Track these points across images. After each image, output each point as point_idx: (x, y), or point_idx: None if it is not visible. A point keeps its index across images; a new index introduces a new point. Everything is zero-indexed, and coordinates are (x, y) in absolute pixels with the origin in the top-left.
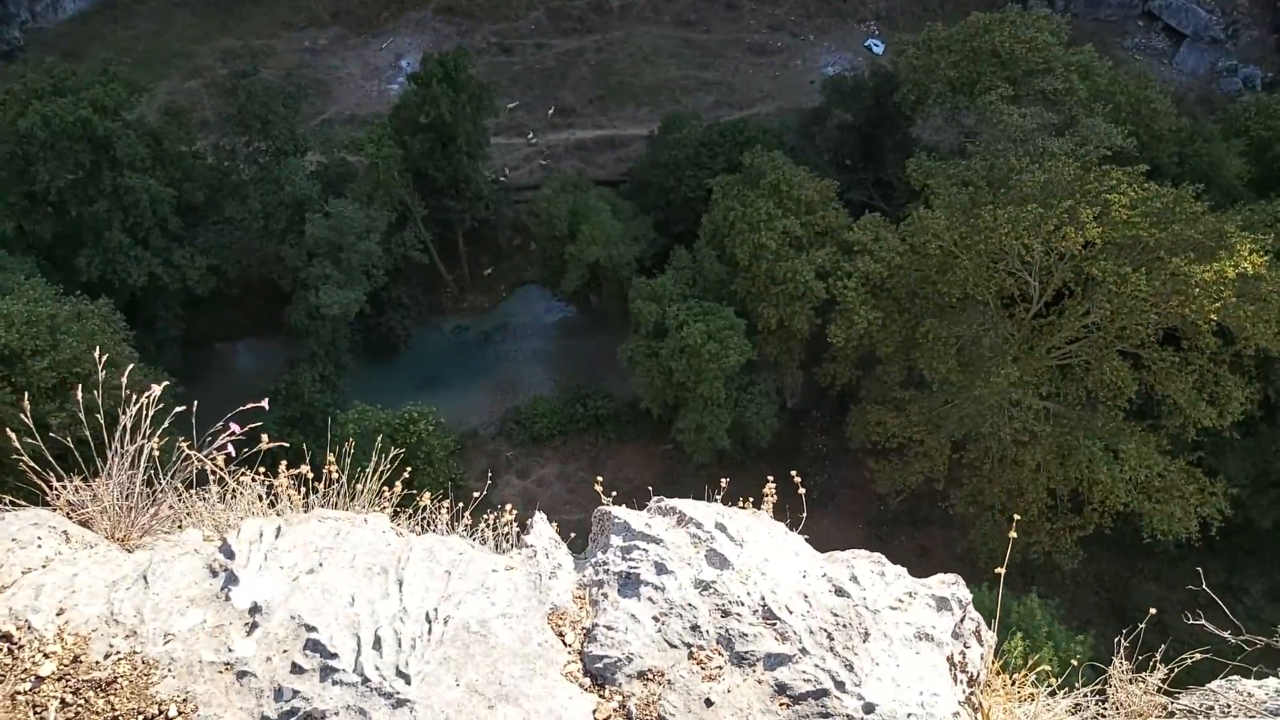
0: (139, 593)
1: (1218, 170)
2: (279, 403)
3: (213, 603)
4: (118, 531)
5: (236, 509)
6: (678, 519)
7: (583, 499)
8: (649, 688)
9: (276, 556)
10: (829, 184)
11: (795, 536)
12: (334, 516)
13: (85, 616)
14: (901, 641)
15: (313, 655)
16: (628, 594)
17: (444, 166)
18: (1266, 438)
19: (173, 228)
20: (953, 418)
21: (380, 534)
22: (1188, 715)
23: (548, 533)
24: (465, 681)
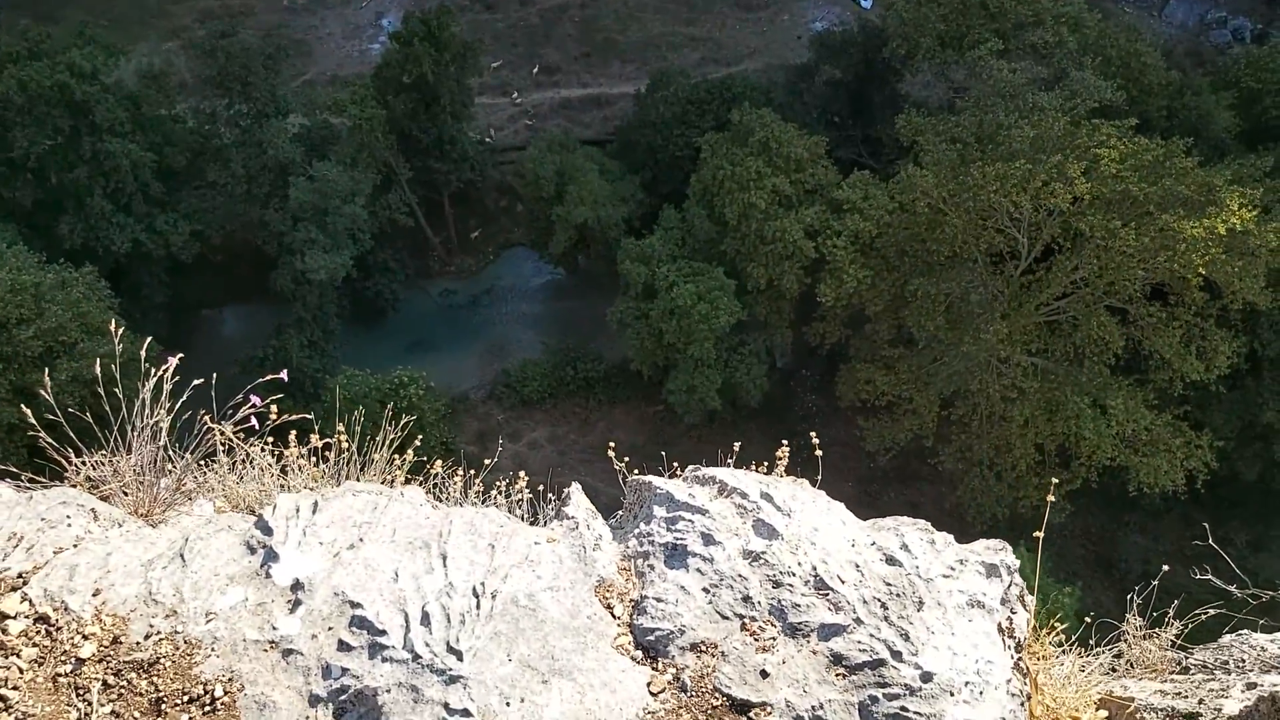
0: (177, 571)
1: (1207, 124)
2: (267, 369)
3: (253, 580)
4: (140, 507)
5: (248, 480)
6: (719, 489)
7: (574, 462)
8: (703, 660)
9: (315, 532)
10: (818, 141)
11: (838, 505)
12: (368, 489)
13: (123, 597)
14: (955, 610)
15: (360, 632)
16: (675, 565)
17: (428, 127)
18: (1252, 391)
19: (154, 193)
20: (941, 375)
21: (418, 507)
22: (1202, 669)
23: (585, 503)
24: (517, 656)
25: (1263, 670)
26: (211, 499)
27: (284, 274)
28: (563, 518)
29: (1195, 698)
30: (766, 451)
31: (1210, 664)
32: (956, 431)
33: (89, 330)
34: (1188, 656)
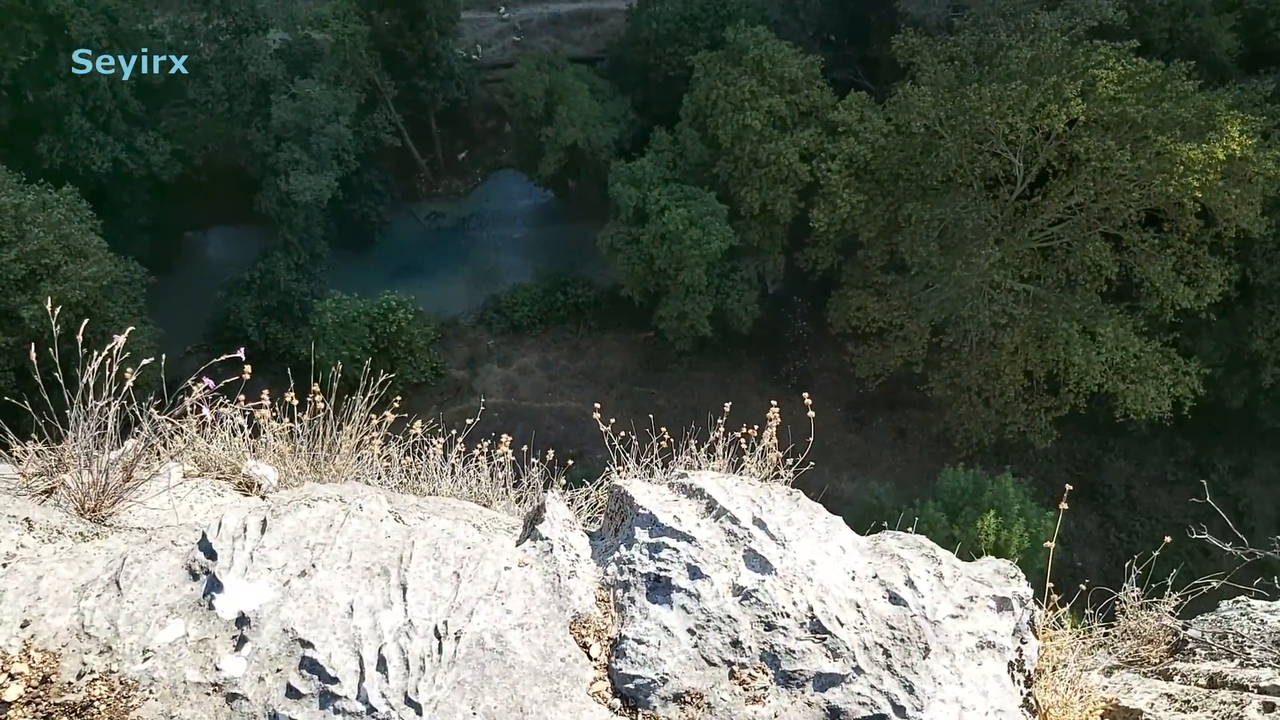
0: (112, 600)
1: (1208, 46)
2: (254, 292)
3: (195, 612)
4: (86, 501)
5: (216, 442)
6: (707, 505)
7: (565, 387)
8: (687, 712)
9: (264, 556)
10: (814, 60)
11: (838, 524)
12: (325, 496)
13: (54, 629)
14: (964, 654)
15: (310, 677)
16: (659, 600)
17: (413, 44)
18: (1241, 318)
19: (134, 111)
20: (933, 302)
21: (378, 524)
22: (1202, 646)
23: (562, 515)
24: (483, 709)
25: (1262, 648)
26: (181, 463)
27: (268, 195)
28: (536, 537)
29: (1207, 710)
30: (757, 379)
31: (1210, 639)
32: (946, 358)
33: (71, 252)
34: (1186, 628)
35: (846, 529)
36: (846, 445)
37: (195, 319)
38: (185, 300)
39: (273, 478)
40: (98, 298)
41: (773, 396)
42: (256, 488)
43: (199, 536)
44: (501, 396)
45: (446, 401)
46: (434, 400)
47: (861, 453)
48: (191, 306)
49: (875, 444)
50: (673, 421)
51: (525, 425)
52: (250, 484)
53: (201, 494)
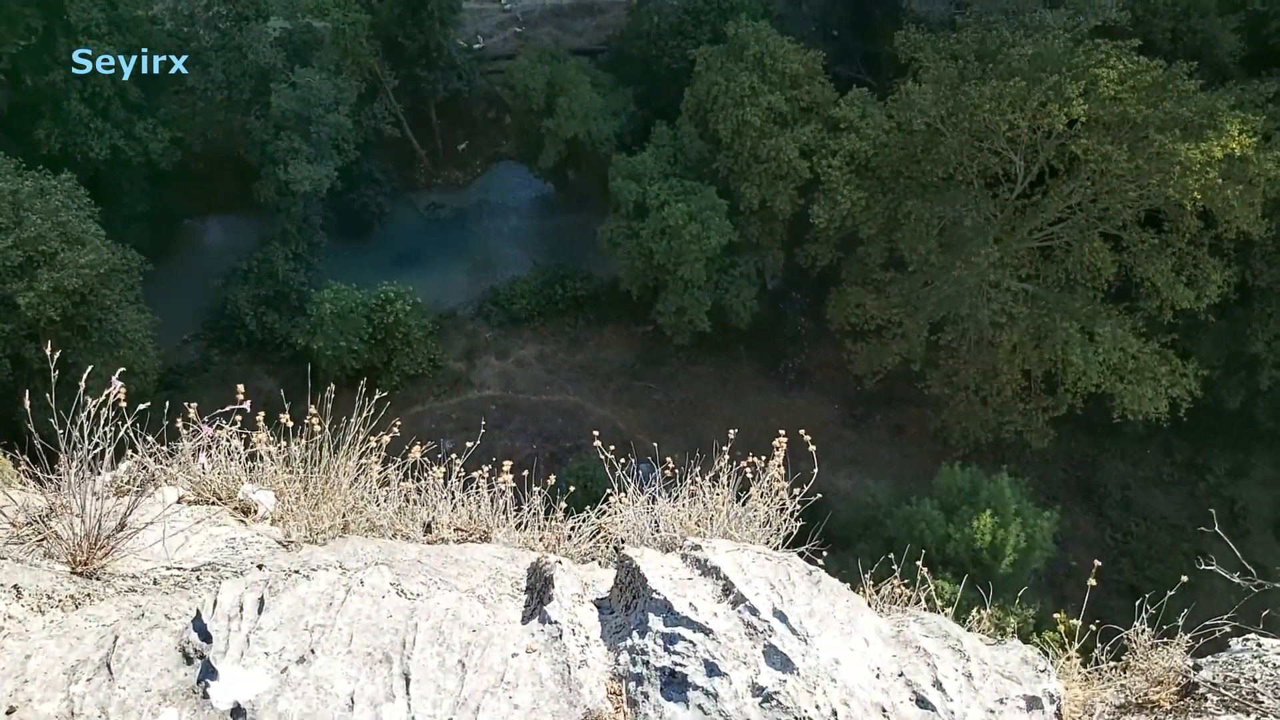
0: (103, 685)
1: (1211, 47)
2: (251, 281)
3: (188, 699)
4: (78, 555)
5: (214, 467)
6: (723, 588)
7: (562, 380)
8: None
9: (260, 638)
10: (816, 55)
11: (859, 605)
12: (324, 564)
13: (42, 716)
14: None
15: None
16: (673, 697)
17: (414, 34)
18: (1240, 320)
19: (133, 98)
20: (932, 299)
21: (379, 601)
22: (1213, 691)
23: (570, 589)
24: None
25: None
26: (176, 487)
27: (267, 184)
28: (544, 619)
29: None
30: (755, 375)
31: (1222, 683)
32: (944, 357)
33: (69, 240)
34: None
35: (869, 613)
36: (844, 442)
37: (193, 307)
38: (183, 288)
39: (269, 503)
40: (95, 285)
41: (771, 392)
42: (253, 512)
43: (194, 613)
44: (499, 389)
45: (444, 393)
46: (431, 392)
47: (859, 449)
48: (189, 295)
49: (872, 441)
50: (671, 416)
51: (523, 418)
52: (247, 509)
53: (197, 522)
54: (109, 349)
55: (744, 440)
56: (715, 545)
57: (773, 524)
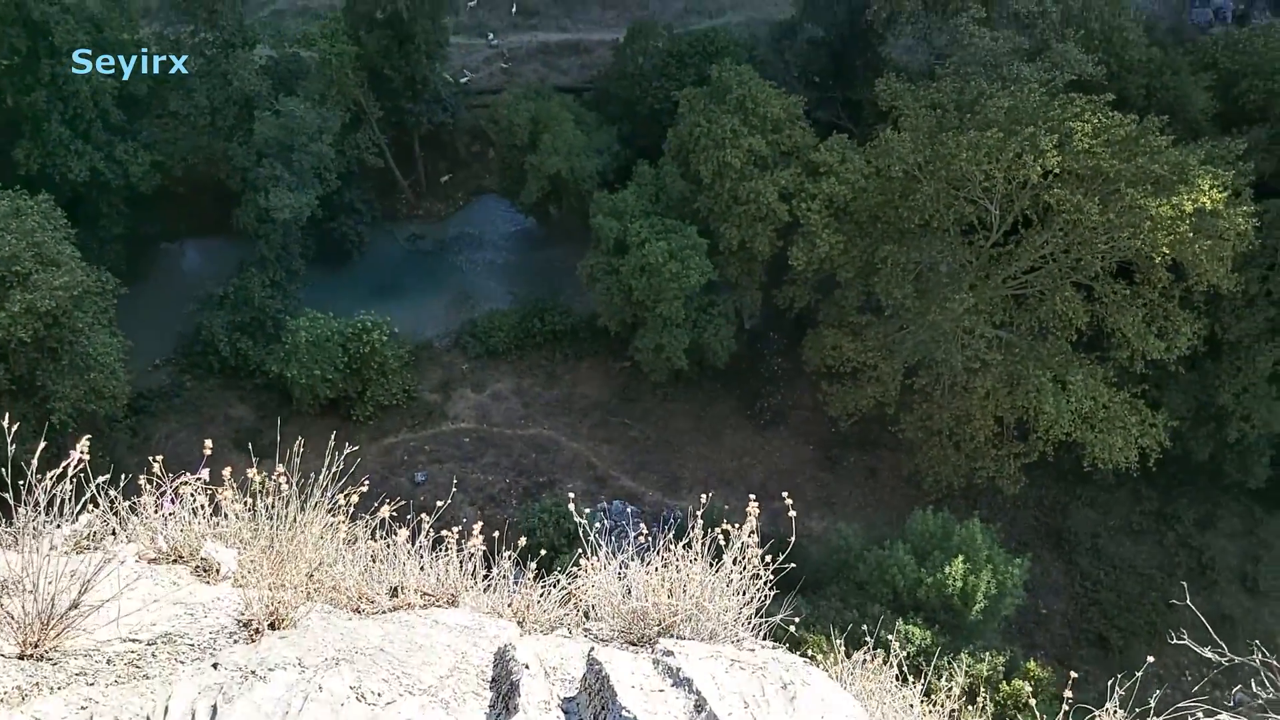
0: None
1: (1184, 104)
2: (227, 307)
3: None
4: (29, 635)
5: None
6: (695, 704)
7: (538, 414)
8: None
9: None
10: (796, 101)
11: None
12: (282, 662)
13: None
14: None
15: None
16: None
17: (400, 66)
18: (1209, 372)
19: (115, 120)
20: (907, 344)
21: (338, 710)
22: None
23: (538, 695)
24: None
25: None
26: (137, 542)
27: (247, 211)
28: None
29: None
30: (731, 413)
31: None
32: (918, 401)
33: (43, 261)
34: None
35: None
36: (818, 483)
37: (167, 332)
38: (158, 312)
39: (232, 563)
40: (68, 307)
41: (746, 431)
42: (215, 572)
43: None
44: (474, 422)
45: (418, 425)
46: (405, 423)
47: (832, 491)
48: (163, 319)
49: (846, 483)
50: (646, 453)
51: (496, 452)
52: (209, 567)
53: (157, 583)
54: (79, 372)
55: (718, 479)
56: (688, 652)
57: (746, 594)
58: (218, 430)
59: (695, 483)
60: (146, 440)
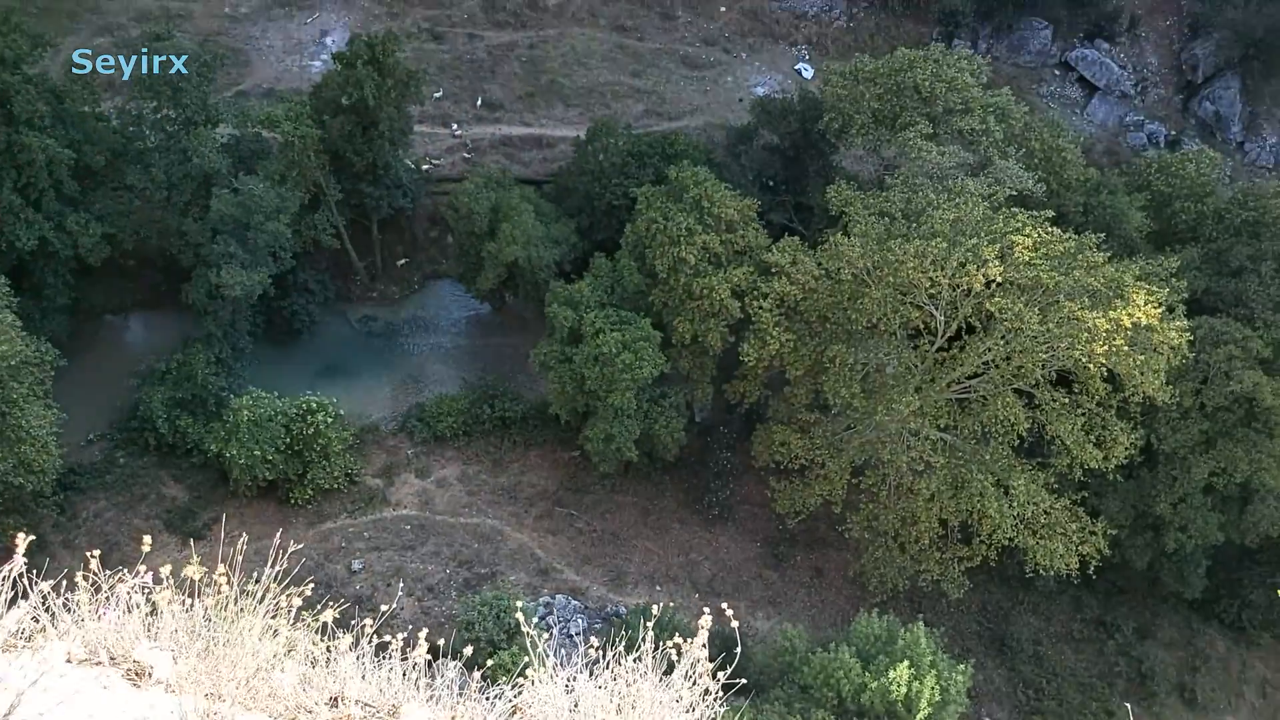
0: None
1: (1119, 222)
2: (168, 382)
3: None
4: None
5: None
6: None
7: (482, 503)
8: None
9: None
10: (750, 203)
11: None
12: None
13: None
14: None
15: None
16: None
17: (363, 151)
18: (1146, 482)
19: (68, 191)
20: (854, 443)
21: None
22: None
23: None
24: None
25: None
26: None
27: (198, 286)
28: None
29: None
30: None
31: None
32: (865, 501)
33: None
34: None
35: None
36: (764, 582)
37: (104, 405)
38: (96, 385)
39: (166, 667)
40: (3, 377)
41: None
42: (148, 675)
43: None
44: (416, 509)
45: (358, 510)
46: (345, 508)
47: (778, 590)
48: (102, 392)
49: (792, 582)
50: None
51: (438, 540)
52: (141, 670)
53: (84, 687)
54: (9, 444)
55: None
56: None
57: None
58: (149, 509)
59: (641, 578)
60: (74, 518)
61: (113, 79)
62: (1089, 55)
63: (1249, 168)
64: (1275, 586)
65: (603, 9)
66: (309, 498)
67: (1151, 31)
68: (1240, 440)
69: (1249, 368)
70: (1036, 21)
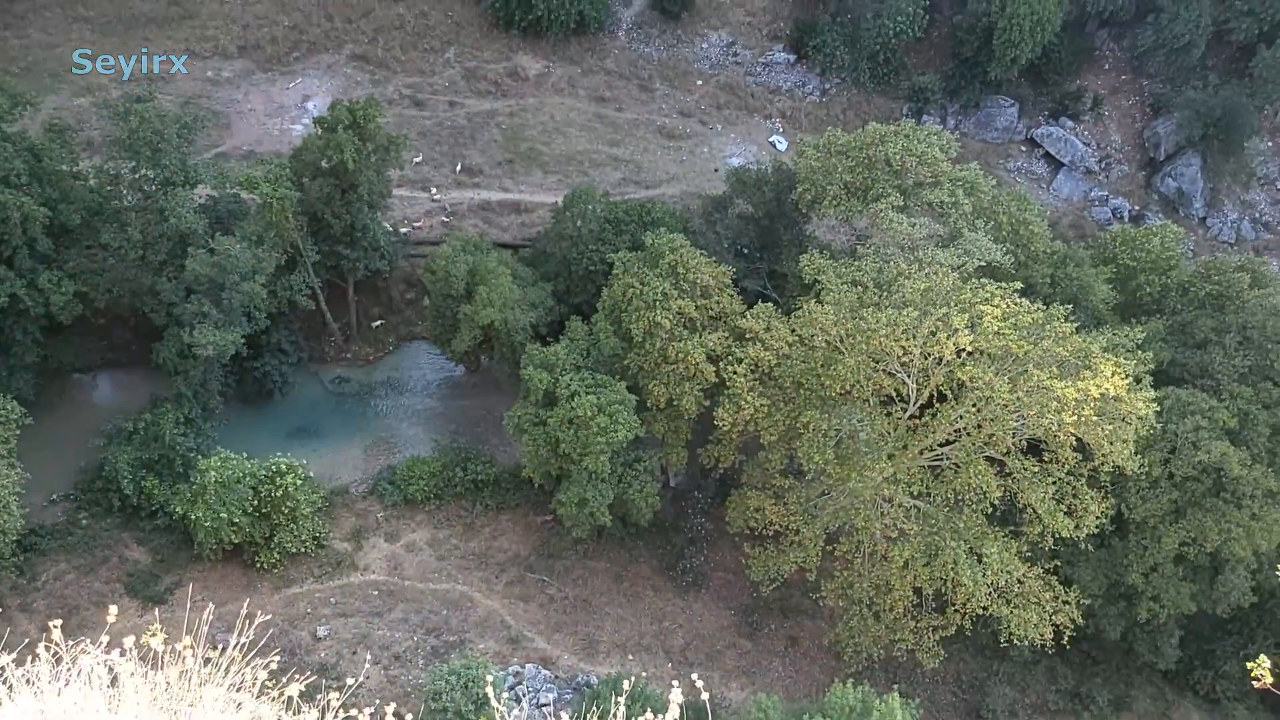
0: None
1: (1086, 294)
2: (135, 442)
3: None
4: None
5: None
6: None
7: (452, 568)
8: None
9: None
10: (725, 270)
11: None
12: None
13: None
14: None
15: None
16: None
17: (341, 213)
18: (1118, 551)
19: (42, 249)
20: (828, 509)
21: None
22: None
23: None
24: None
25: None
26: None
27: (169, 346)
28: None
29: None
30: (652, 573)
31: None
32: (839, 568)
33: None
34: None
35: None
36: (738, 650)
37: (69, 465)
38: (61, 444)
39: None
40: None
41: (667, 593)
42: None
43: None
44: (384, 574)
45: (325, 575)
46: (311, 572)
47: (752, 659)
48: (67, 451)
49: (766, 651)
50: (563, 613)
51: (406, 607)
52: None
53: None
54: None
55: (637, 644)
56: None
57: None
58: (110, 573)
59: (613, 647)
60: (33, 580)
61: (90, 138)
62: (1054, 132)
63: (1211, 242)
64: (1248, 658)
65: (582, 80)
66: (275, 562)
67: (1114, 110)
68: (1209, 510)
69: (1216, 438)
70: (1003, 99)
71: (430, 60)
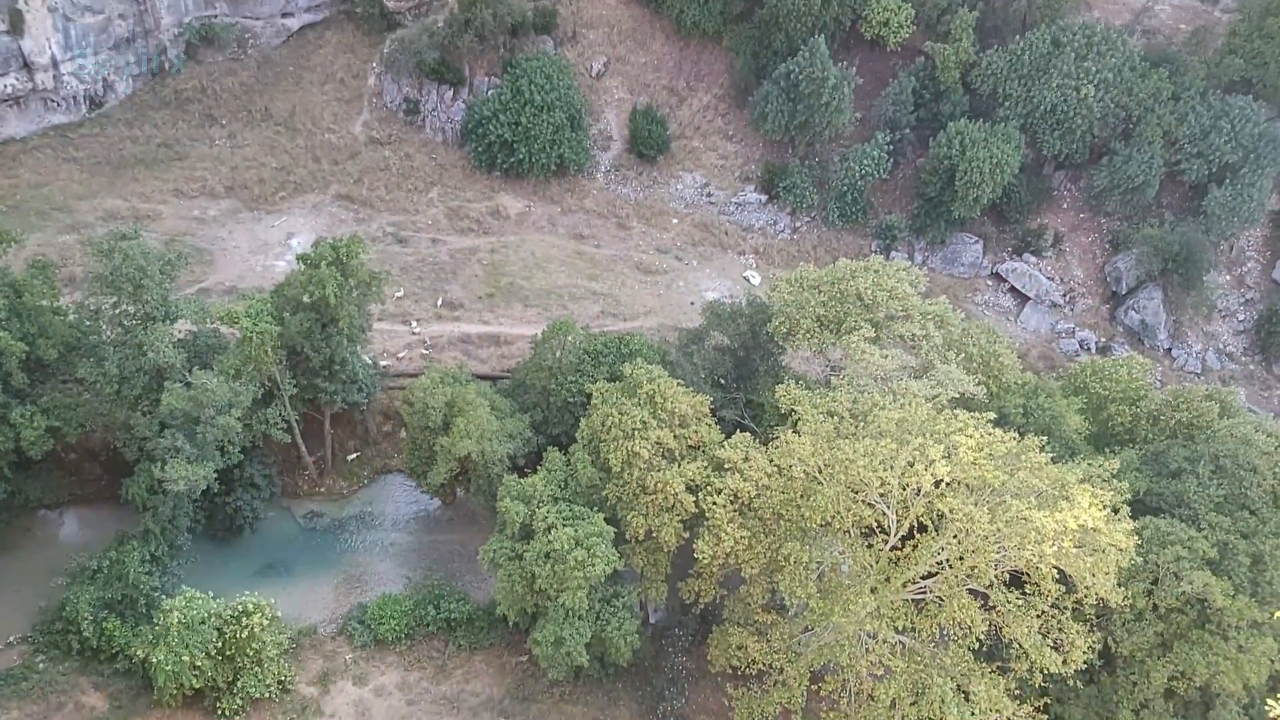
0: None
1: (1059, 424)
2: (98, 582)
3: None
4: None
5: None
6: None
7: (423, 714)
8: None
9: None
10: (702, 400)
11: None
12: None
13: None
14: None
15: None
16: None
17: (321, 347)
18: (1107, 687)
19: (16, 383)
20: (812, 646)
21: None
22: None
23: None
24: None
25: None
26: None
27: (139, 481)
28: None
29: None
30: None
31: None
32: (826, 709)
33: None
34: None
35: None
36: None
37: (28, 606)
38: (22, 584)
39: None
40: None
41: None
42: None
43: None
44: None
45: None
46: (275, 719)
47: None
48: (28, 591)
49: None
50: None
51: None
52: None
53: None
54: None
55: None
56: None
57: None
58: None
59: None
60: None
61: (73, 273)
62: (1019, 267)
63: (1178, 372)
64: None
65: (562, 219)
66: (238, 708)
67: (1075, 246)
68: (1196, 643)
69: (1197, 568)
70: (967, 236)
71: (414, 199)
